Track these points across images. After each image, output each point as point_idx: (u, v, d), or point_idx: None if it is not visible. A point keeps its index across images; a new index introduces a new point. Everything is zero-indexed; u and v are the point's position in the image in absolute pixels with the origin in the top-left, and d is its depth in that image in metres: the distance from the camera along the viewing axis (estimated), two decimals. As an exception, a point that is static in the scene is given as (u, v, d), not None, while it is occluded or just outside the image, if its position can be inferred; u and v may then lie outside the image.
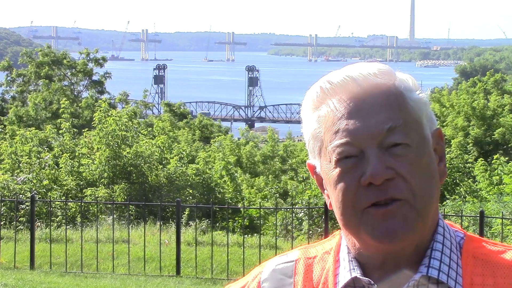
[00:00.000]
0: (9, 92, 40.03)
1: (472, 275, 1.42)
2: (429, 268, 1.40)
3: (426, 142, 1.42)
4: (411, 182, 1.37)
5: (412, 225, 1.37)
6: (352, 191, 1.38)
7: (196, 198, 18.63)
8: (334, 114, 1.41)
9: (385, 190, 1.36)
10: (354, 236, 1.42)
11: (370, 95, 1.40)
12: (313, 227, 14.73)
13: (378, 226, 1.36)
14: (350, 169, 1.38)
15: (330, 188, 1.43)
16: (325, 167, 1.43)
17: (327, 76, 1.45)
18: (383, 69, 1.44)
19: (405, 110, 1.41)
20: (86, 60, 39.26)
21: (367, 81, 1.41)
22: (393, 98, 1.41)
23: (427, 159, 1.41)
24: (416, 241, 1.40)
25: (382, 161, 1.36)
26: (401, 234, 1.36)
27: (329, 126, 1.41)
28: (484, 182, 20.86)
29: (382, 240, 1.37)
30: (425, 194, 1.38)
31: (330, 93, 1.43)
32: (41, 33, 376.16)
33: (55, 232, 13.53)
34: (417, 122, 1.42)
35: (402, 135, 1.38)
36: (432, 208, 1.41)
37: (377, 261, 1.42)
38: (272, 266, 1.54)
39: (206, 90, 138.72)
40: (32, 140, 19.54)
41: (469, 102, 31.75)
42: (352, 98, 1.40)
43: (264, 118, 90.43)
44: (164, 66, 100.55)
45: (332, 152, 1.40)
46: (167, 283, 10.72)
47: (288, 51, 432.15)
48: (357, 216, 1.38)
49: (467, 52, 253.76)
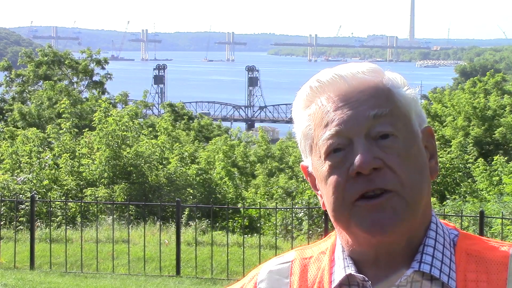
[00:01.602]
0: (8, 92, 40.02)
1: (465, 271, 1.42)
2: (421, 263, 1.40)
3: (415, 136, 1.43)
4: (399, 173, 1.38)
5: (402, 216, 1.37)
6: (342, 184, 1.39)
7: (196, 198, 18.64)
8: (322, 110, 1.43)
9: (373, 180, 1.37)
10: (345, 230, 1.43)
11: (357, 90, 1.42)
12: (313, 227, 14.74)
13: (367, 218, 1.37)
14: (339, 162, 1.39)
15: (322, 185, 1.44)
16: (316, 164, 1.44)
17: (317, 75, 1.47)
18: (372, 67, 1.47)
19: (393, 102, 1.43)
20: (88, 61, 39.30)
21: (356, 79, 1.44)
22: (380, 91, 1.43)
23: (416, 152, 1.42)
24: (407, 234, 1.41)
25: (370, 151, 1.37)
26: (391, 225, 1.37)
27: (319, 122, 1.43)
28: (484, 182, 20.86)
29: (372, 231, 1.37)
30: (414, 185, 1.39)
31: (319, 91, 1.45)
32: (41, 33, 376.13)
33: (55, 232, 13.54)
34: (405, 116, 1.43)
35: (389, 125, 1.40)
36: (422, 201, 1.41)
37: (370, 257, 1.43)
38: (269, 267, 1.55)
39: (206, 90, 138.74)
40: (33, 140, 19.55)
41: (470, 101, 31.73)
42: (340, 95, 1.43)
43: (264, 118, 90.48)
44: (164, 66, 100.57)
45: (322, 146, 1.42)
46: (167, 283, 10.72)
47: (288, 51, 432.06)
48: (347, 209, 1.39)
49: (467, 52, 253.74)
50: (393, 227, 1.37)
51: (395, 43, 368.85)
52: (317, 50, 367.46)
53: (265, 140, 33.78)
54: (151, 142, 19.39)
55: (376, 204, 1.37)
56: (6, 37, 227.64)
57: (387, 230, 1.37)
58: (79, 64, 39.09)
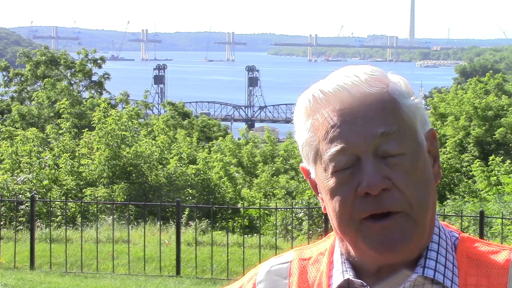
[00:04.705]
0: (7, 92, 39.97)
1: (466, 275, 1.42)
2: (424, 268, 1.40)
3: (421, 148, 1.42)
4: (407, 192, 1.37)
5: (410, 236, 1.37)
6: (349, 201, 1.38)
7: (196, 198, 18.63)
8: (328, 123, 1.40)
9: (381, 202, 1.36)
10: (352, 244, 1.42)
11: (363, 104, 1.39)
12: (313, 227, 14.74)
13: (376, 238, 1.36)
14: (346, 179, 1.38)
15: (326, 197, 1.42)
16: (321, 176, 1.43)
17: (319, 84, 1.44)
18: (375, 75, 1.43)
19: (399, 117, 1.40)
20: (84, 61, 39.21)
21: (360, 90, 1.40)
22: (387, 105, 1.40)
23: (422, 164, 1.41)
24: (416, 251, 1.41)
25: (379, 171, 1.36)
26: (400, 246, 1.37)
27: (323, 135, 1.40)
28: (483, 182, 20.85)
29: (381, 251, 1.37)
30: (421, 203, 1.38)
31: (323, 103, 1.42)
32: (41, 33, 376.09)
33: (55, 232, 13.53)
34: (411, 128, 1.41)
35: (397, 144, 1.38)
36: (429, 215, 1.41)
37: (372, 269, 1.43)
38: (267, 268, 1.54)
39: (206, 90, 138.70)
40: (33, 140, 19.55)
41: (471, 101, 31.69)
42: (345, 108, 1.39)
43: (264, 118, 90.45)
44: (164, 66, 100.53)
45: (328, 162, 1.40)
46: (167, 283, 10.72)
47: (288, 51, 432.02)
48: (354, 226, 1.38)
49: (467, 52, 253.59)
50: (402, 247, 1.37)
51: (395, 43, 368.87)
52: (317, 50, 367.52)
53: (272, 140, 33.78)
54: (151, 142, 19.38)
55: (385, 226, 1.36)
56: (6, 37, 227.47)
57: (396, 251, 1.37)
58: (75, 64, 39.03)
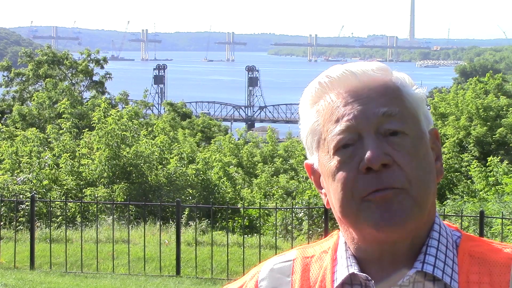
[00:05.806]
0: (9, 92, 39.96)
1: (468, 273, 1.42)
2: (424, 264, 1.41)
3: (423, 136, 1.44)
4: (408, 170, 1.38)
5: (409, 211, 1.38)
6: (351, 179, 1.39)
7: (195, 198, 18.63)
8: (332, 105, 1.43)
9: (382, 178, 1.37)
10: (352, 226, 1.43)
11: (368, 87, 1.43)
12: (313, 227, 14.73)
13: (376, 211, 1.37)
14: (348, 157, 1.40)
15: (329, 181, 1.43)
16: (324, 160, 1.44)
17: (326, 72, 1.48)
18: (381, 66, 1.48)
19: (402, 102, 1.43)
20: (87, 61, 39.26)
21: (366, 75, 1.44)
22: (390, 90, 1.44)
23: (424, 151, 1.43)
24: (413, 232, 1.41)
25: (380, 147, 1.38)
26: (398, 220, 1.37)
27: (328, 117, 1.43)
28: (481, 183, 20.85)
29: (380, 226, 1.37)
30: (421, 184, 1.39)
31: (329, 87, 1.45)
32: (41, 33, 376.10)
33: (55, 232, 13.53)
34: (414, 116, 1.44)
35: (399, 123, 1.40)
36: (429, 200, 1.42)
37: (375, 256, 1.43)
38: (270, 266, 1.54)
39: (206, 90, 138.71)
40: (33, 140, 19.55)
41: (473, 101, 31.68)
42: (350, 91, 1.43)
43: (264, 118, 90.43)
44: (164, 66, 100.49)
45: (331, 141, 1.42)
46: (167, 283, 10.71)
47: (288, 51, 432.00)
48: (356, 205, 1.39)
49: (467, 52, 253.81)
50: (400, 224, 1.37)
51: (395, 43, 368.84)
52: (317, 50, 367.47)
53: (273, 140, 33.75)
54: (151, 142, 19.37)
55: (384, 196, 1.37)
56: (6, 37, 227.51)
57: (394, 226, 1.37)
58: (78, 64, 39.06)
